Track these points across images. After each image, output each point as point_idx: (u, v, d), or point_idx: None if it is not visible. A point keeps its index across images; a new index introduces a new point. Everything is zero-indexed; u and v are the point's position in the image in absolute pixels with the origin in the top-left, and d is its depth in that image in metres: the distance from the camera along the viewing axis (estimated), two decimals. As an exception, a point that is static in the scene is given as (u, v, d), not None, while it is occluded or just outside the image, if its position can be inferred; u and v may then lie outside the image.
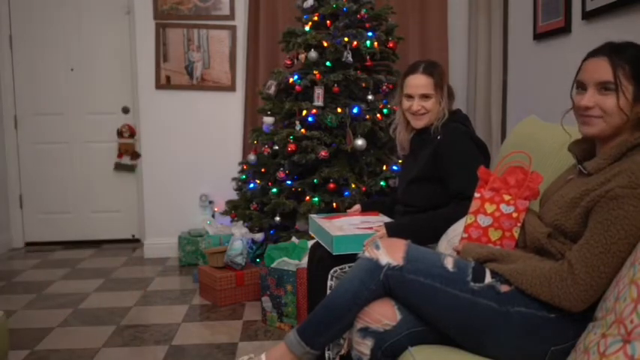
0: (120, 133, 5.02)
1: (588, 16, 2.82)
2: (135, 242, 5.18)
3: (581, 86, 1.57)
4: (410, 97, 2.41)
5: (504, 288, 1.54)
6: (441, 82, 2.40)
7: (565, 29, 3.06)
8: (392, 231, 2.21)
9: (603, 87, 1.51)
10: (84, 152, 5.08)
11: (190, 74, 4.59)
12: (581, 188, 1.51)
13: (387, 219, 2.46)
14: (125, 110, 5.03)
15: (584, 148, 1.66)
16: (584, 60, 1.59)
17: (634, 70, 1.49)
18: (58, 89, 5.00)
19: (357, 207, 2.66)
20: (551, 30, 3.23)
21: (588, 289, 1.41)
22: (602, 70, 1.51)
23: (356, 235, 2.24)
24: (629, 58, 1.50)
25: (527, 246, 1.69)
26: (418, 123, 2.42)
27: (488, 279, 1.57)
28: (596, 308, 1.41)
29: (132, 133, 5.00)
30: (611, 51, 1.52)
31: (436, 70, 2.41)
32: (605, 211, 1.41)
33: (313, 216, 2.61)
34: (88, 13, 4.92)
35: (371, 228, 2.30)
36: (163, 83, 4.59)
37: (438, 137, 2.34)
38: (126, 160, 5.06)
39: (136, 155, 5.00)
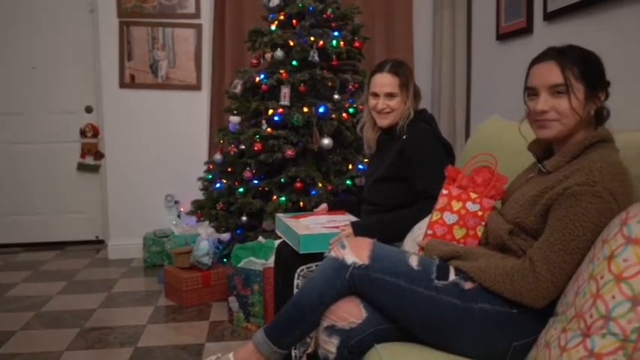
0: (83, 133, 4.93)
1: (549, 17, 2.88)
2: (99, 243, 5.10)
3: (532, 92, 1.62)
4: (376, 95, 2.42)
5: (468, 285, 1.56)
6: (407, 81, 2.41)
7: (527, 30, 3.12)
8: (358, 230, 2.22)
9: (555, 90, 1.56)
10: (46, 152, 4.97)
11: (155, 73, 4.54)
12: (540, 186, 1.55)
13: (354, 218, 2.46)
14: (88, 109, 4.94)
15: (544, 147, 1.70)
16: (531, 66, 1.64)
17: (582, 71, 1.54)
18: (19, 88, 4.88)
19: (324, 206, 2.67)
20: (513, 31, 3.29)
21: (549, 286, 1.44)
22: (553, 73, 1.56)
23: (322, 234, 2.24)
24: (576, 60, 1.55)
25: (490, 243, 1.71)
26: (383, 122, 2.43)
27: (452, 277, 1.59)
28: (556, 303, 1.44)
29: (95, 133, 4.92)
30: (558, 54, 1.57)
31: (402, 70, 2.42)
32: (563, 208, 1.44)
33: (280, 215, 2.60)
34: (49, 10, 4.81)
35: (337, 227, 2.30)
36: (127, 82, 4.52)
37: (404, 137, 2.36)
38: (89, 160, 4.96)
39: (99, 155, 4.92)
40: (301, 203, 3.31)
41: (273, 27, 3.67)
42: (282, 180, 3.39)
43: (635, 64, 2.26)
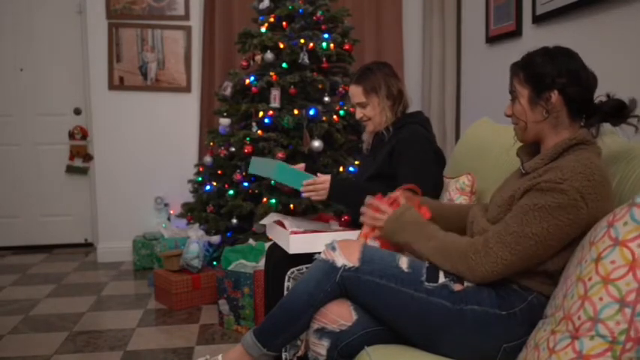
0: (71, 135, 4.91)
1: (538, 20, 2.90)
2: (88, 246, 5.07)
3: None
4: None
5: (457, 287, 1.57)
6: (373, 86, 2.39)
7: (516, 33, 3.14)
8: (335, 183, 2.26)
9: (512, 96, 1.65)
10: (34, 155, 4.94)
11: (144, 75, 4.52)
12: (516, 186, 1.59)
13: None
14: (77, 111, 4.91)
15: (529, 152, 1.72)
16: None
17: (527, 74, 1.60)
18: (7, 90, 4.85)
19: (302, 165, 2.65)
20: (502, 33, 3.31)
21: (498, 262, 1.48)
22: (509, 81, 1.66)
23: (298, 172, 2.28)
24: (523, 65, 1.63)
25: None
26: (368, 129, 2.50)
27: (442, 279, 1.60)
28: (546, 306, 1.45)
29: (84, 135, 4.89)
30: (514, 62, 1.66)
31: (365, 77, 2.42)
32: (528, 199, 1.49)
33: (256, 158, 2.59)
34: (38, 11, 4.79)
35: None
36: (117, 84, 4.51)
37: (397, 137, 2.36)
38: (78, 162, 4.94)
39: (88, 157, 4.90)
40: (291, 206, 3.30)
41: (263, 29, 3.67)
42: (273, 182, 3.38)
43: (621, 65, 2.28)
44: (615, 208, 1.39)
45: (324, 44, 3.54)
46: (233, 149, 3.58)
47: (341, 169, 3.49)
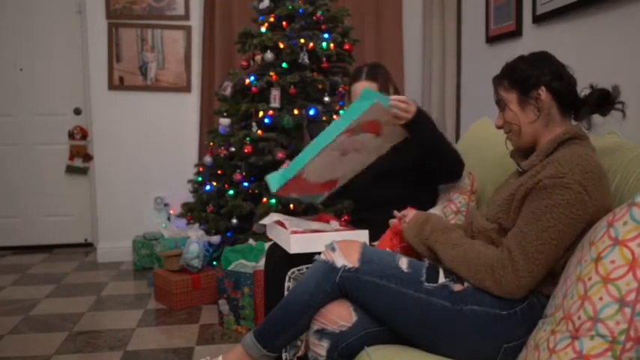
0: (71, 135, 4.91)
1: (538, 20, 2.90)
2: (88, 246, 5.07)
3: None
4: None
5: (457, 287, 1.57)
6: (386, 83, 2.38)
7: (516, 33, 3.14)
8: (421, 113, 2.09)
9: (500, 106, 1.71)
10: (34, 155, 4.94)
11: (144, 75, 4.52)
12: (515, 185, 1.61)
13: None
14: (77, 111, 4.91)
15: (523, 154, 1.73)
16: None
17: (510, 80, 1.66)
18: (7, 90, 4.85)
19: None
20: (502, 33, 3.31)
21: (526, 276, 1.47)
22: (494, 92, 1.71)
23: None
24: (505, 74, 1.69)
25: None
26: None
27: (441, 279, 1.60)
28: (546, 306, 1.45)
29: (84, 135, 4.89)
30: (495, 75, 1.72)
31: (379, 73, 2.39)
32: (536, 200, 1.49)
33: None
34: (37, 11, 4.78)
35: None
36: (116, 84, 4.51)
37: None
38: (78, 162, 4.94)
39: (88, 157, 4.90)
40: (291, 206, 3.30)
41: (263, 29, 3.66)
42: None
43: (622, 65, 2.28)
44: (615, 206, 1.39)
45: (324, 44, 3.53)
46: (233, 149, 3.57)
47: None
